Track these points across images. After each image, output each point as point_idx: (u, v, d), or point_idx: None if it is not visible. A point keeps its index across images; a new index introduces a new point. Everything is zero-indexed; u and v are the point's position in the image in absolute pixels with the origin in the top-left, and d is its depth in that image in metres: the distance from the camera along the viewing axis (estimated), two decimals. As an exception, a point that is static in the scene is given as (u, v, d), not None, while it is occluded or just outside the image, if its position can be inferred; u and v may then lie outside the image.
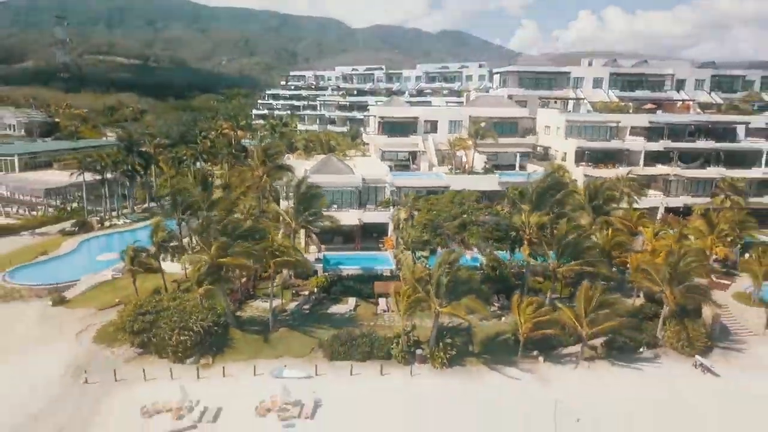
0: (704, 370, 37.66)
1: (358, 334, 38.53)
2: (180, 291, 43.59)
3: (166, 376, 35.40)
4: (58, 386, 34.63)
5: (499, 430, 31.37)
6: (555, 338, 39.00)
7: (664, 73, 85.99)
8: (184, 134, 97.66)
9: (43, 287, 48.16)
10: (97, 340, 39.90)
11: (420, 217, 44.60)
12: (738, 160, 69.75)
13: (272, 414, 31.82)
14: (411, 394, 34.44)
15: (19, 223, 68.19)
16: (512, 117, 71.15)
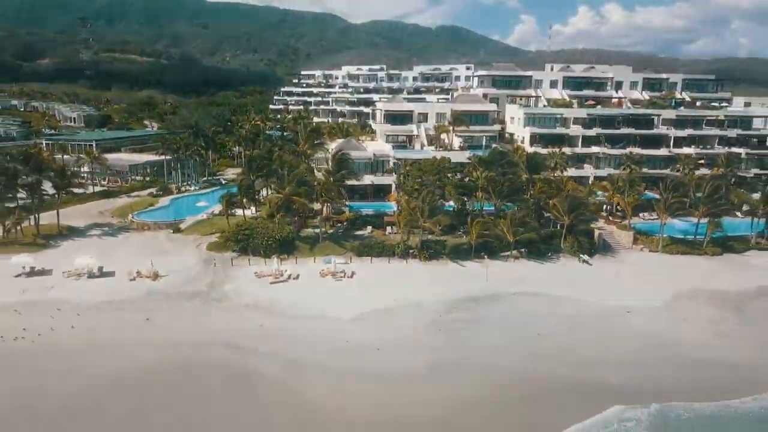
0: (584, 262, 63.71)
1: (374, 242, 64.59)
2: (263, 219, 69.33)
3: (261, 264, 61.20)
4: (199, 267, 60.44)
5: (456, 284, 57.03)
6: (496, 246, 64.72)
7: (606, 76, 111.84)
8: (225, 125, 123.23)
9: (162, 222, 74.35)
10: (209, 248, 65.69)
11: (413, 175, 70.52)
12: (652, 142, 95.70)
13: (328, 276, 57.77)
14: (406, 271, 60.36)
15: (118, 189, 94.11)
16: (484, 111, 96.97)
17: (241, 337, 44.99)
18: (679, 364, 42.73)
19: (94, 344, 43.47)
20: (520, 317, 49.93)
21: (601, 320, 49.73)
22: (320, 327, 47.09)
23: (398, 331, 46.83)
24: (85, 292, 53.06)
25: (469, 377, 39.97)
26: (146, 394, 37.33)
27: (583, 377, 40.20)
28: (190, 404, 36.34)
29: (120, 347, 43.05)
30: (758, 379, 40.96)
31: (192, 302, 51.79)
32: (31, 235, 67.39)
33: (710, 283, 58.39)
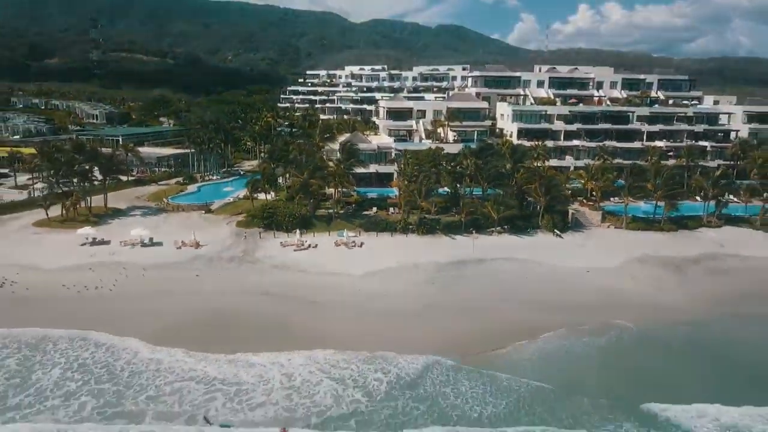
0: (557, 236, 75.98)
1: (379, 219, 76.86)
2: (284, 201, 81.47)
3: (284, 237, 73.36)
4: (232, 239, 72.55)
5: (448, 252, 69.15)
6: (483, 223, 76.87)
7: (588, 77, 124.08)
8: (239, 121, 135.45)
9: (194, 204, 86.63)
10: (238, 225, 77.86)
11: (412, 163, 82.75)
12: (627, 136, 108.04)
13: (342, 246, 70.01)
14: (406, 242, 72.55)
15: (148, 178, 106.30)
16: (475, 108, 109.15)
17: (273, 287, 57.26)
18: (624, 310, 54.77)
19: (159, 292, 55.68)
20: (498, 275, 62.23)
21: (564, 277, 61.97)
22: (336, 281, 59.37)
23: (400, 284, 59.08)
24: (141, 256, 65.27)
25: (453, 313, 52.29)
26: (207, 326, 49.39)
27: (544, 315, 52.36)
28: (239, 333, 48.33)
29: (179, 294, 55.29)
30: (679, 316, 53.26)
31: (230, 264, 64.08)
32: (85, 214, 79.65)
33: (660, 251, 70.60)
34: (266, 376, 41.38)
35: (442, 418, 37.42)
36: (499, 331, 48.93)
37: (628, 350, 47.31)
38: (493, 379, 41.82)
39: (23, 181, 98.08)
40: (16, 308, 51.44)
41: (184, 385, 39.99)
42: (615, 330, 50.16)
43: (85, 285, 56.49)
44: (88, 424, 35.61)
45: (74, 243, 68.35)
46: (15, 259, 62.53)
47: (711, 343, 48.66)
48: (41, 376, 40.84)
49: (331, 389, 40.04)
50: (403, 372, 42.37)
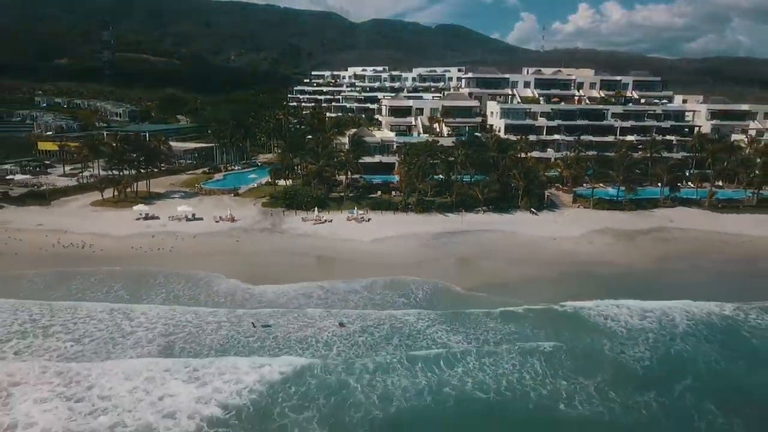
0: (533, 214, 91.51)
1: (383, 200, 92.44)
2: (302, 185, 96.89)
3: (304, 214, 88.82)
4: (260, 216, 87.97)
5: (440, 225, 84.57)
6: (471, 203, 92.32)
7: (570, 78, 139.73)
8: (253, 118, 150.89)
9: (224, 189, 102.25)
10: (264, 206, 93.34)
11: (411, 153, 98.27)
12: (602, 131, 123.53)
13: (352, 220, 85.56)
14: (406, 218, 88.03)
15: (178, 168, 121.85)
16: (468, 106, 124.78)
17: (299, 249, 72.89)
18: (579, 266, 70.20)
19: (210, 251, 71.26)
20: (480, 241, 77.83)
21: (534, 243, 77.50)
22: (350, 245, 74.92)
23: (400, 247, 74.60)
24: (188, 228, 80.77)
25: (442, 264, 68.01)
26: (253, 270, 64.91)
27: (513, 267, 67.91)
28: (277, 274, 63.83)
29: (226, 253, 70.86)
30: (615, 266, 68.91)
31: (262, 234, 79.63)
32: (132, 196, 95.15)
33: (617, 225, 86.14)
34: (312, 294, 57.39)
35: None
36: (480, 275, 64.64)
37: (570, 281, 63.30)
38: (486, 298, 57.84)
39: (67, 171, 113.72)
40: (101, 262, 67.04)
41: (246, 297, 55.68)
42: (564, 272, 65.79)
43: (150, 247, 72.06)
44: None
45: (130, 218, 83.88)
46: (87, 229, 78.03)
47: (629, 278, 64.90)
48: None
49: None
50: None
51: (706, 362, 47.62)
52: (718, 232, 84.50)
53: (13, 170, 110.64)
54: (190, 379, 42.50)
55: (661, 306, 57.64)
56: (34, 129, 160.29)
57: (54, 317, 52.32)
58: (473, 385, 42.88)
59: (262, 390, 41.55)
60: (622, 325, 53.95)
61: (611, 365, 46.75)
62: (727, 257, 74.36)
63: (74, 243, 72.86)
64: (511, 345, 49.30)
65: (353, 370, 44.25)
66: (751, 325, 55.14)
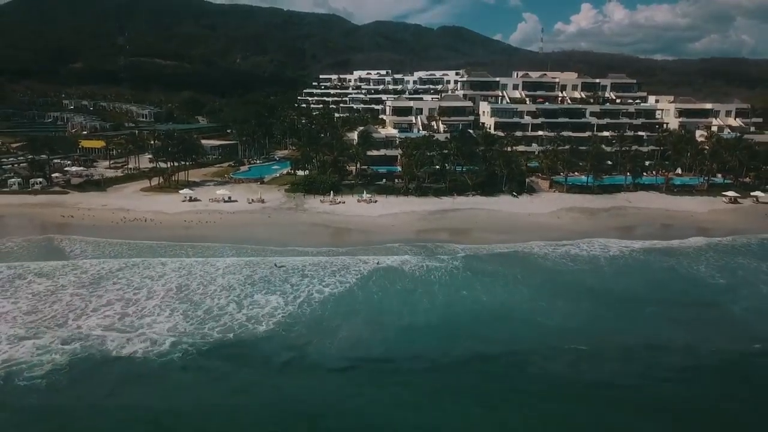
0: (514, 196, 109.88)
1: (388, 186, 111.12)
2: (318, 174, 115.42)
3: (321, 197, 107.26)
4: (285, 199, 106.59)
5: (436, 205, 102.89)
6: (461, 188, 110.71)
7: (554, 81, 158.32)
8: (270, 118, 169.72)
9: (251, 178, 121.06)
10: (287, 192, 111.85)
11: (411, 146, 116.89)
12: (581, 128, 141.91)
13: (362, 203, 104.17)
14: (407, 201, 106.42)
15: (205, 162, 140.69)
16: (462, 106, 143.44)
17: (320, 221, 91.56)
18: (545, 232, 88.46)
19: (247, 224, 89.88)
20: (468, 216, 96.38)
21: (512, 218, 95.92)
22: (361, 219, 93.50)
23: (402, 221, 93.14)
24: (227, 207, 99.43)
25: (436, 229, 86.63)
26: (286, 236, 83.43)
27: (494, 234, 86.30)
28: (300, 238, 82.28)
29: (263, 224, 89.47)
30: (577, 234, 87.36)
31: (289, 212, 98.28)
32: (174, 184, 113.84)
33: (584, 205, 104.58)
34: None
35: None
36: (469, 239, 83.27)
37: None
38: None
39: (110, 165, 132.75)
40: (165, 231, 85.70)
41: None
42: (534, 235, 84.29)
43: (199, 221, 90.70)
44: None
45: (177, 200, 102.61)
46: (144, 209, 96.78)
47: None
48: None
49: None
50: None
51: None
52: (668, 210, 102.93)
53: (65, 163, 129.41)
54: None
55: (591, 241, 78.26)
56: (69, 128, 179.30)
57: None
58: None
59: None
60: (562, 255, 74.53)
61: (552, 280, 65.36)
62: (668, 225, 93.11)
63: (138, 218, 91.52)
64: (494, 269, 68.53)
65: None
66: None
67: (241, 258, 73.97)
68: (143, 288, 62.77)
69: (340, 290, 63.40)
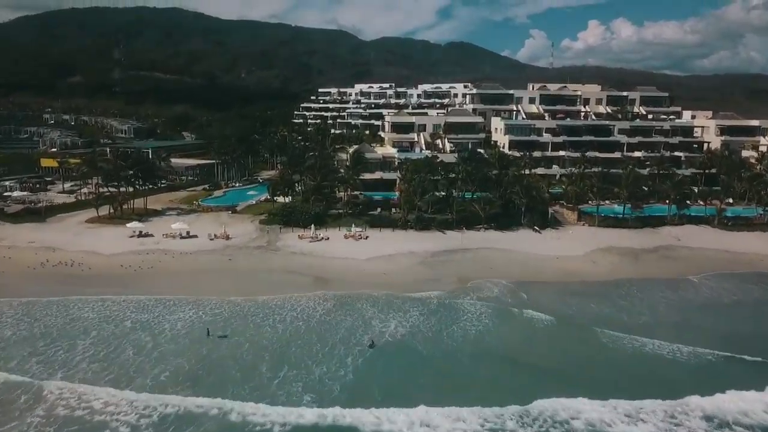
0: (536, 231, 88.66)
1: (383, 217, 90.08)
2: (300, 202, 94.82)
3: (300, 231, 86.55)
4: (256, 233, 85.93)
5: (440, 243, 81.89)
6: (472, 220, 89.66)
7: (576, 94, 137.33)
8: (257, 135, 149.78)
9: (221, 206, 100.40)
10: (261, 223, 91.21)
11: (411, 170, 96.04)
12: (608, 148, 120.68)
13: (350, 238, 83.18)
14: (405, 236, 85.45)
15: (178, 185, 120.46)
16: (471, 122, 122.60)
17: (292, 267, 70.57)
18: (582, 285, 67.26)
19: (200, 270, 69.14)
20: (481, 259, 75.14)
21: (537, 262, 74.63)
22: (344, 263, 72.50)
23: (397, 266, 72.04)
24: (182, 245, 78.74)
25: (441, 280, 65.44)
26: (240, 285, 62.67)
27: (518, 287, 65.15)
28: (259, 292, 61.54)
29: (215, 271, 68.66)
30: (621, 287, 65.91)
31: (257, 251, 77.45)
32: (128, 213, 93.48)
33: (623, 243, 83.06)
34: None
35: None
36: (485, 297, 62.01)
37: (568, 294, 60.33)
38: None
39: (66, 187, 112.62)
40: (87, 281, 65.00)
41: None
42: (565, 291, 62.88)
43: (139, 265, 69.99)
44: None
45: (124, 235, 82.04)
46: (78, 247, 76.29)
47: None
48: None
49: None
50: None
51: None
52: (728, 250, 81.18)
53: (12, 187, 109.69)
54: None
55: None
56: (39, 145, 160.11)
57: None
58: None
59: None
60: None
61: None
62: (737, 274, 71.59)
63: (63, 261, 71.06)
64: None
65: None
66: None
67: (170, 316, 53.50)
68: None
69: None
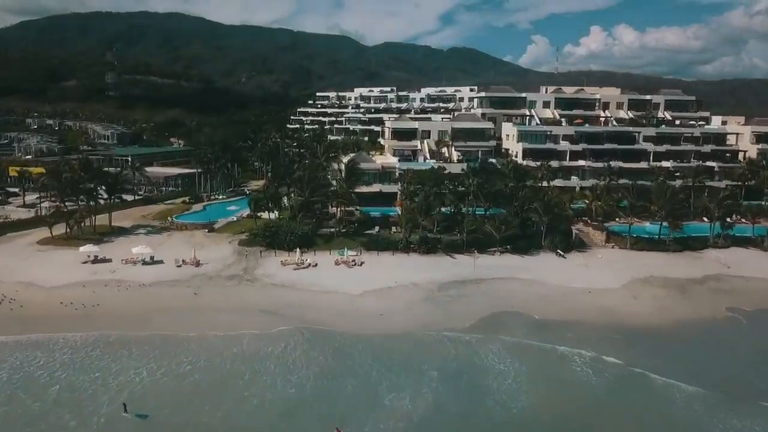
0: (560, 256, 75.15)
1: (381, 238, 76.62)
2: (286, 219, 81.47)
3: (285, 255, 73.15)
4: (233, 257, 72.55)
5: (448, 271, 68.48)
6: (484, 242, 76.22)
7: (594, 97, 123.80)
8: (249, 141, 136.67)
9: (198, 223, 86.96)
10: (241, 244, 77.80)
11: (414, 182, 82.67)
12: (633, 157, 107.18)
13: (342, 265, 69.73)
14: (407, 261, 72.06)
15: (155, 197, 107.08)
16: (480, 128, 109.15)
17: (268, 304, 57.15)
18: (624, 332, 53.80)
19: (155, 308, 55.69)
20: (498, 293, 61.68)
21: (566, 297, 61.15)
22: (333, 299, 59.09)
23: (397, 303, 58.64)
24: (141, 274, 65.32)
25: (451, 323, 52.01)
26: (196, 330, 49.32)
27: (543, 334, 51.68)
28: (223, 339, 48.23)
29: (174, 310, 55.23)
30: (678, 331, 52.37)
31: (230, 282, 64.04)
32: (89, 232, 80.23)
33: (664, 272, 69.48)
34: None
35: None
36: (509, 348, 48.38)
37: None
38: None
39: (32, 200, 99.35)
40: (12, 324, 51.58)
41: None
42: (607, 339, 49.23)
43: (84, 302, 56.60)
44: None
45: (76, 261, 68.67)
46: (17, 277, 62.95)
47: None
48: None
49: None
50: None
51: None
52: (791, 283, 67.61)
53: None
54: None
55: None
56: (15, 152, 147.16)
57: None
58: None
59: None
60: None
61: None
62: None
63: (-7, 296, 57.71)
64: None
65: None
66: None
67: (84, 376, 39.93)
68: None
69: None
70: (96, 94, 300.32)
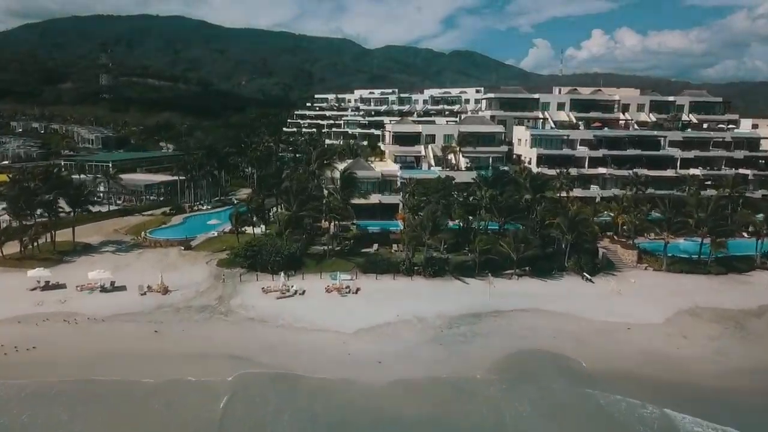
0: (587, 280, 64.29)
1: (380, 258, 65.79)
2: (272, 236, 70.76)
3: (268, 280, 62.43)
4: (209, 282, 61.88)
5: (459, 300, 57.77)
6: (500, 263, 65.46)
7: (613, 99, 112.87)
8: (239, 146, 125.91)
9: (174, 239, 76.20)
10: (219, 264, 67.13)
11: (418, 194, 71.89)
12: (658, 163, 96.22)
13: (334, 292, 58.96)
14: (410, 287, 61.34)
15: (133, 208, 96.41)
16: (490, 132, 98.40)
17: (240, 349, 46.24)
18: (667, 374, 43.11)
19: (105, 353, 44.90)
20: (520, 330, 50.79)
21: (600, 335, 50.32)
22: (322, 340, 48.22)
23: (399, 344, 47.82)
24: (96, 305, 54.61)
25: (465, 373, 41.08)
26: (151, 400, 38.63)
27: (580, 388, 40.88)
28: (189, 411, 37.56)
29: (127, 357, 44.40)
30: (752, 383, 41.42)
31: (200, 315, 53.27)
32: (47, 251, 69.57)
33: (712, 301, 58.59)
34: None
35: None
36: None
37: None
38: None
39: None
40: None
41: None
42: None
43: (16, 345, 45.80)
44: None
45: (22, 288, 57.98)
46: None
47: None
48: None
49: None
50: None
51: None
52: None
53: None
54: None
55: None
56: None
57: None
58: None
59: None
60: None
61: None
62: None
63: None
64: None
65: None
66: None
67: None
68: None
69: None
70: (90, 97, 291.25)
